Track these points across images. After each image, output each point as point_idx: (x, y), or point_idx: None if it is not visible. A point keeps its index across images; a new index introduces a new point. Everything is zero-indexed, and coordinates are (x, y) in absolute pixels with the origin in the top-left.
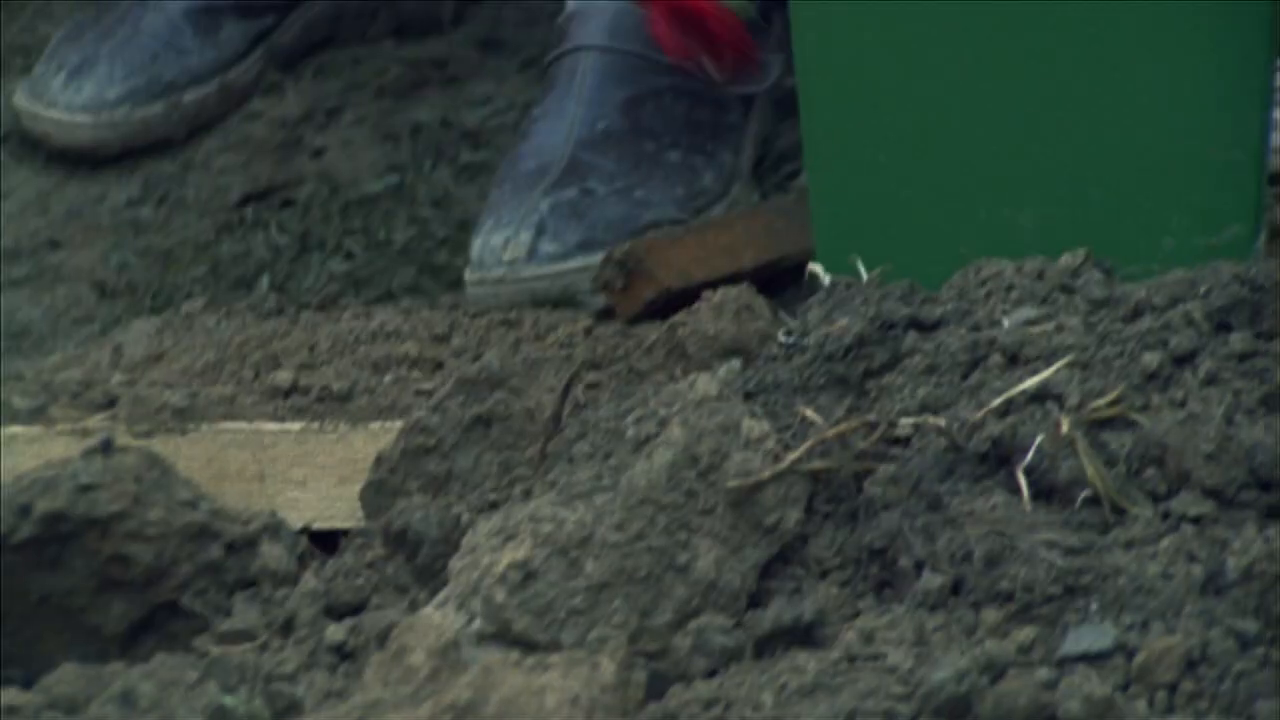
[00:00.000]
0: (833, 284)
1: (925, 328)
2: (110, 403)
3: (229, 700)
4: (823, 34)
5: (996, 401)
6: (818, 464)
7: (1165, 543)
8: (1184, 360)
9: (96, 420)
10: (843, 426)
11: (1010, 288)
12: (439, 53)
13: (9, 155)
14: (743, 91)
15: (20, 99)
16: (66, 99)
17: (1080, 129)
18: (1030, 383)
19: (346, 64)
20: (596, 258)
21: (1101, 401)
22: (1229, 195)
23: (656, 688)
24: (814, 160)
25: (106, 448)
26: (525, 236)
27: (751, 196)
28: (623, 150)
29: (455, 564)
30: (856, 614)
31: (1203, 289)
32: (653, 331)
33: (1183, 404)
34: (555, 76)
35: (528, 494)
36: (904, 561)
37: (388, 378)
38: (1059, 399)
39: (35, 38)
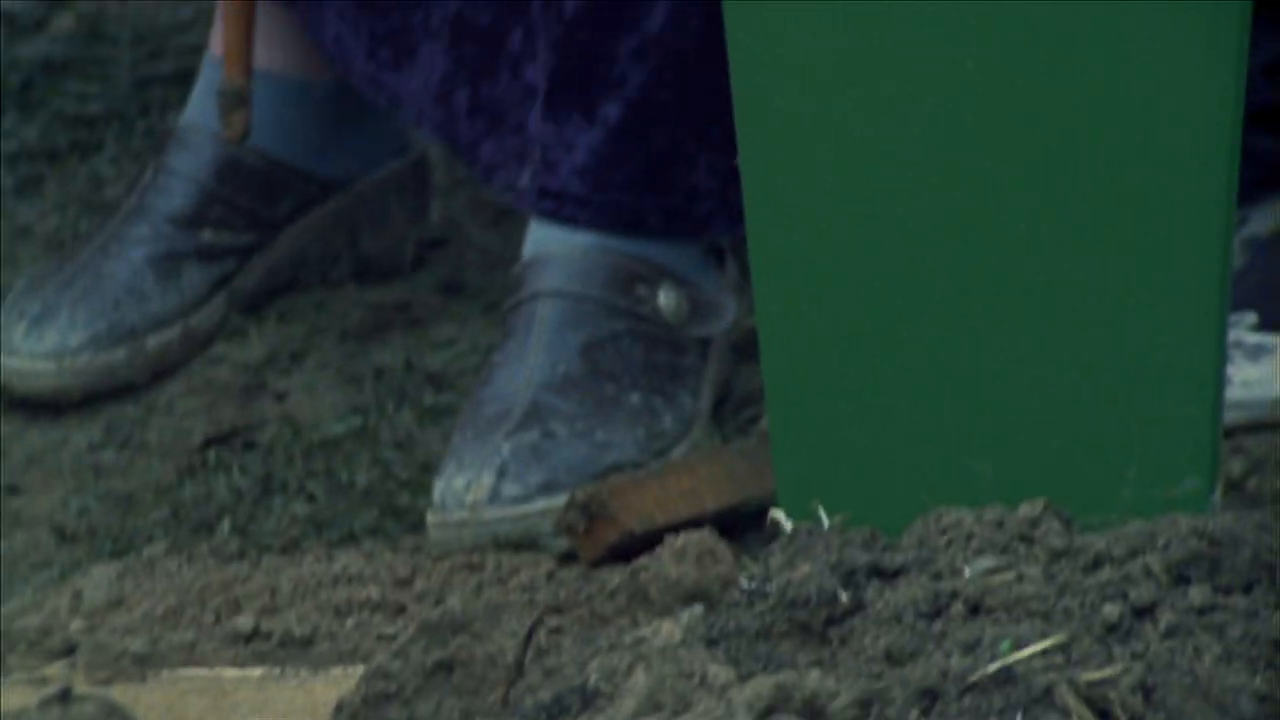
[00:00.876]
0: (794, 530)
1: (887, 575)
2: (69, 650)
3: None
4: (785, 282)
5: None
6: None
7: None
8: (1144, 612)
9: (55, 668)
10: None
11: (970, 536)
12: (402, 296)
13: None
14: (700, 334)
15: None
16: (29, 347)
17: (1037, 380)
18: (993, 667)
19: (310, 308)
20: (559, 500)
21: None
22: (1184, 449)
23: None
24: (775, 405)
25: (64, 697)
26: (487, 479)
27: (712, 439)
28: (583, 393)
29: None
30: None
31: (1161, 541)
32: (616, 576)
33: (1143, 657)
34: (514, 323)
35: None
36: None
37: (350, 622)
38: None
39: None
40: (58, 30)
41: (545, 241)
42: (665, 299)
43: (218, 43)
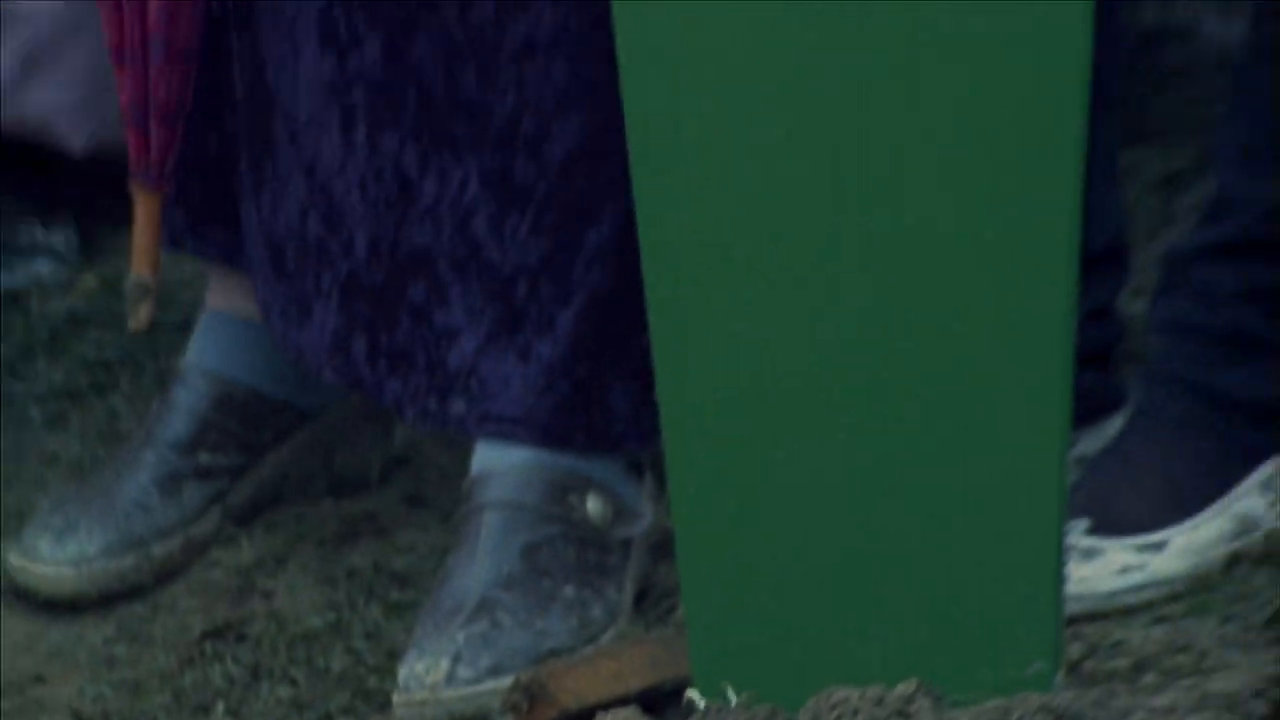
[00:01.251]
0: (707, 708)
1: None
2: None
3: None
4: (697, 495)
5: None
6: None
7: None
8: None
9: None
10: None
11: (856, 712)
12: (370, 508)
13: (5, 605)
14: (623, 536)
15: (13, 557)
16: (54, 555)
17: (911, 578)
18: None
19: (292, 519)
20: (505, 681)
21: None
22: (1032, 637)
23: None
24: (690, 599)
25: None
26: (445, 664)
27: (636, 628)
28: (524, 589)
29: None
30: None
31: (1015, 716)
32: None
33: None
34: (465, 531)
35: None
36: None
37: None
38: None
39: (29, 506)
40: (82, 289)
41: (488, 459)
42: (593, 506)
43: (214, 296)
